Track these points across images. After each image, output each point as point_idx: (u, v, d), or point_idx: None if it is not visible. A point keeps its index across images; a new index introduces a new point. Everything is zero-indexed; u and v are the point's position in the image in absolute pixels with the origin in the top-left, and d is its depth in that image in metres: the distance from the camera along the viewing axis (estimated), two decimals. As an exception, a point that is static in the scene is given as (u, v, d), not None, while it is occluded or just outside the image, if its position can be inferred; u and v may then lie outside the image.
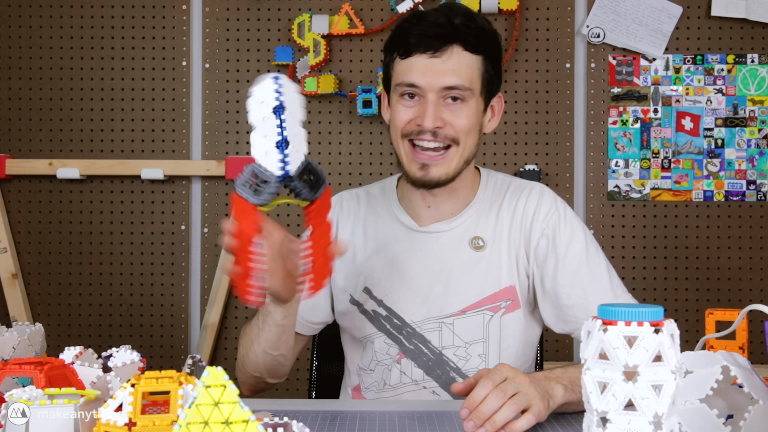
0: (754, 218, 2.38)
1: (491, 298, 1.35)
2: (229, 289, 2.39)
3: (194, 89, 2.44)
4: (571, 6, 2.40)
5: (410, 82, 1.28)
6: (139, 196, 2.44)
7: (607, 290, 1.32)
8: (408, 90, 1.29)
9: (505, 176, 1.44)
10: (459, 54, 1.28)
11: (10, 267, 2.40)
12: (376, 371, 1.39)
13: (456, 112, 1.28)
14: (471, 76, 1.29)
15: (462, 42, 1.27)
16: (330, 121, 2.42)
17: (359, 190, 1.49)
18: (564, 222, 1.35)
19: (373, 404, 1.26)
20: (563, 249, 1.33)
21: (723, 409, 0.90)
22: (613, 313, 0.73)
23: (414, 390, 1.36)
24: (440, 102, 1.28)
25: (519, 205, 1.37)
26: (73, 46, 2.44)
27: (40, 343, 1.13)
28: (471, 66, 1.29)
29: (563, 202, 1.39)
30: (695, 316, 2.38)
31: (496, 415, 1.00)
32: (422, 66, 1.27)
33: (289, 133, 0.98)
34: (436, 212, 1.38)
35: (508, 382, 1.02)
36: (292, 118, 0.98)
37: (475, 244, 1.37)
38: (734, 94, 2.38)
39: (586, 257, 1.33)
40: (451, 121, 1.28)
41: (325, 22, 2.36)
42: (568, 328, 1.33)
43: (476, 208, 1.39)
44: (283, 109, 0.97)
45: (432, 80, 1.27)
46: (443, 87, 1.27)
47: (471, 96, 1.29)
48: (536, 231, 1.35)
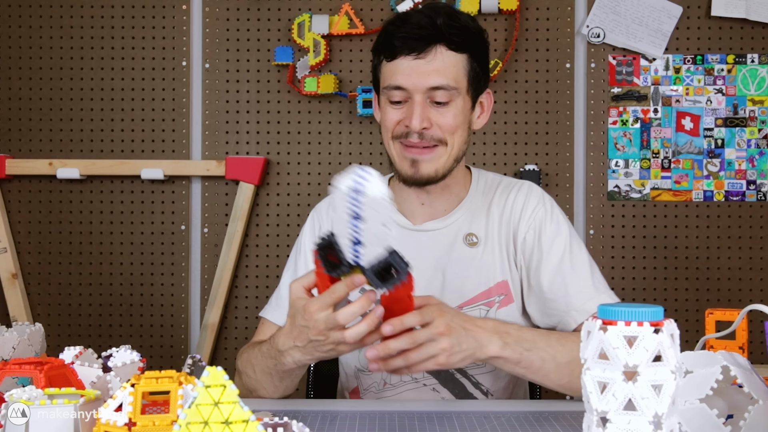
0: (754, 218, 2.38)
1: (486, 294, 1.37)
2: (229, 289, 2.39)
3: (194, 89, 2.44)
4: (571, 6, 2.40)
5: (396, 84, 1.30)
6: (139, 196, 2.44)
7: (588, 285, 1.33)
8: (395, 92, 1.31)
9: (495, 175, 1.47)
10: (443, 54, 1.29)
11: (10, 267, 2.40)
12: (376, 372, 1.39)
13: (442, 112, 1.30)
14: (456, 75, 1.30)
15: (446, 42, 1.29)
16: (330, 121, 2.43)
17: None
18: (550, 217, 1.38)
19: (373, 404, 1.26)
20: (548, 244, 1.35)
21: (723, 409, 0.90)
22: (613, 313, 0.73)
23: (414, 388, 1.37)
24: (426, 103, 1.30)
25: (508, 202, 1.40)
26: (73, 46, 2.44)
27: (40, 343, 1.13)
28: (456, 65, 1.30)
29: (550, 199, 1.42)
30: (695, 316, 2.38)
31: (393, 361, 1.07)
32: (407, 68, 1.29)
33: (365, 237, 0.96)
34: (430, 209, 1.41)
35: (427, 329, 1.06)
36: (374, 222, 0.94)
37: (469, 241, 1.39)
38: (734, 94, 2.38)
39: (569, 252, 1.35)
40: (438, 121, 1.30)
41: (325, 22, 2.36)
42: (550, 321, 1.35)
43: (468, 205, 1.41)
44: (361, 219, 0.94)
45: (417, 81, 1.28)
46: (429, 87, 1.28)
47: (457, 95, 1.31)
48: (523, 226, 1.37)
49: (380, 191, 0.91)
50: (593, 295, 1.31)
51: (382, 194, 0.91)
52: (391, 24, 1.33)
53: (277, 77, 2.43)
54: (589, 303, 1.30)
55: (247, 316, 2.42)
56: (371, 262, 0.98)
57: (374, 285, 1.01)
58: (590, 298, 1.30)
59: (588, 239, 2.39)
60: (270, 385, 1.25)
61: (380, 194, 0.91)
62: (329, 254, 1.01)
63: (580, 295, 1.31)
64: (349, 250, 0.99)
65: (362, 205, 0.92)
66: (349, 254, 0.99)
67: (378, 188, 0.91)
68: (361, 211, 0.93)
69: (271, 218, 2.43)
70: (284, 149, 2.43)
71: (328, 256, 1.01)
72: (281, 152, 2.43)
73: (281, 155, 2.43)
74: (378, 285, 1.00)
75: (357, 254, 0.99)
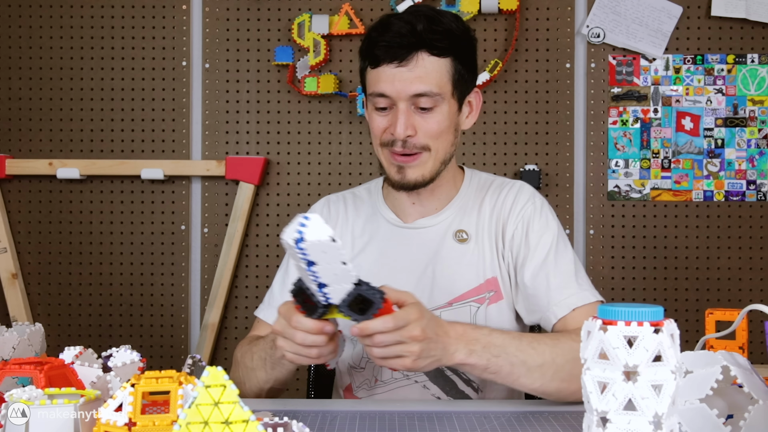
0: (754, 218, 2.38)
1: (476, 290, 1.37)
2: (229, 289, 2.39)
3: (194, 89, 2.44)
4: (571, 6, 2.40)
5: (380, 92, 1.31)
6: (139, 196, 2.44)
7: (571, 281, 1.32)
8: (379, 99, 1.32)
9: (489, 175, 1.49)
10: (425, 60, 1.29)
11: (10, 267, 2.40)
12: (367, 368, 1.40)
13: (427, 119, 1.31)
14: (440, 81, 1.30)
15: (427, 47, 1.29)
16: (330, 121, 2.42)
17: (346, 192, 1.54)
18: (539, 215, 1.38)
19: (373, 404, 1.26)
20: (534, 240, 1.36)
21: (723, 409, 0.90)
22: (613, 313, 0.73)
23: (405, 385, 1.38)
24: (411, 110, 1.31)
25: (500, 200, 1.41)
26: (73, 46, 2.44)
27: (40, 343, 1.13)
28: (439, 70, 1.30)
29: (542, 198, 1.43)
30: (695, 316, 2.38)
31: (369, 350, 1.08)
32: (390, 75, 1.29)
33: (325, 278, 0.98)
34: (421, 208, 1.42)
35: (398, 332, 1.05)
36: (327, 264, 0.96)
37: (459, 237, 1.40)
38: (734, 94, 2.38)
39: (554, 250, 1.35)
40: (422, 128, 1.31)
41: (325, 22, 2.36)
42: (533, 318, 1.35)
43: (460, 203, 1.42)
44: (314, 264, 0.96)
45: (401, 89, 1.29)
46: (412, 95, 1.29)
47: (441, 100, 1.31)
48: (512, 221, 1.38)
49: (321, 235, 0.92)
50: (576, 291, 1.31)
51: (324, 237, 0.92)
52: (374, 30, 1.33)
53: (277, 77, 2.43)
54: (571, 299, 1.29)
55: (247, 316, 2.42)
56: (342, 298, 1.01)
57: (354, 319, 1.03)
58: (572, 293, 1.30)
59: (588, 239, 2.39)
60: (262, 372, 1.27)
61: (321, 238, 0.92)
62: (305, 299, 1.05)
63: (562, 290, 1.31)
64: (318, 293, 1.02)
65: (309, 252, 0.94)
66: (320, 297, 1.02)
67: (318, 232, 0.92)
68: (311, 257, 0.95)
69: (271, 218, 2.43)
70: (284, 149, 2.43)
71: (304, 301, 1.05)
72: (281, 152, 2.43)
73: (281, 155, 2.43)
74: (357, 318, 1.03)
75: (326, 295, 1.02)
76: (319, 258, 0.95)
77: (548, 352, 1.18)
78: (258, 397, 1.31)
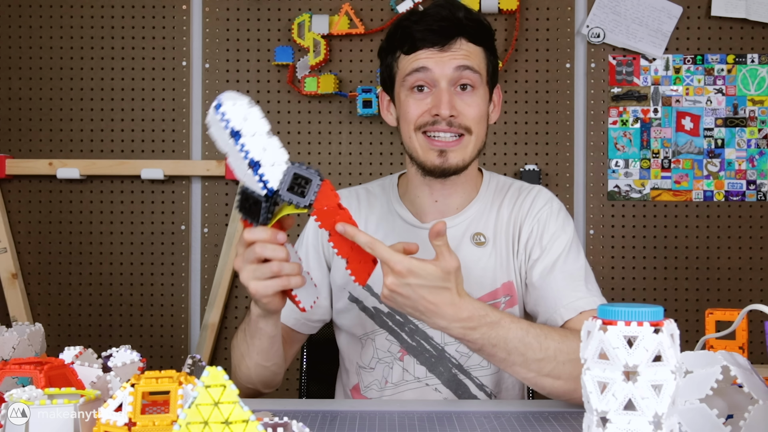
0: (754, 218, 2.38)
1: (492, 295, 1.36)
2: (229, 289, 2.39)
3: (194, 89, 2.44)
4: (571, 6, 2.40)
5: (421, 65, 1.30)
6: (139, 196, 2.44)
7: (580, 285, 1.31)
8: (420, 78, 1.30)
9: (507, 178, 1.48)
10: (466, 45, 1.31)
11: (10, 267, 2.40)
12: (377, 369, 1.39)
13: (467, 101, 1.31)
14: (479, 64, 1.32)
15: (467, 34, 1.31)
16: (330, 121, 2.42)
17: (359, 188, 1.50)
18: (555, 219, 1.37)
19: (374, 404, 1.26)
20: (548, 242, 1.35)
21: (723, 409, 0.90)
22: (613, 313, 0.73)
23: (416, 387, 1.37)
24: (452, 90, 1.30)
25: (518, 203, 1.40)
26: (73, 46, 2.44)
27: (40, 343, 1.13)
28: (478, 55, 1.33)
29: (560, 203, 1.41)
30: (695, 316, 2.38)
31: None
32: (431, 55, 1.30)
33: (255, 154, 0.97)
34: (443, 207, 1.40)
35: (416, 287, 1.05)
36: (253, 137, 0.97)
37: (476, 240, 1.38)
38: (734, 94, 2.38)
39: (566, 253, 1.34)
40: (463, 111, 1.31)
41: (325, 22, 2.36)
42: (540, 319, 1.34)
43: (479, 205, 1.41)
44: (239, 134, 0.96)
45: (444, 65, 1.29)
46: (456, 67, 1.29)
47: (480, 82, 1.32)
48: (528, 223, 1.37)
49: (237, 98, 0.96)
50: (584, 295, 1.29)
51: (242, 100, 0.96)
52: (407, 19, 1.33)
53: (277, 77, 2.43)
54: (580, 302, 1.27)
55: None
56: (280, 180, 0.99)
57: (295, 203, 1.00)
58: (581, 297, 1.28)
59: (588, 239, 2.39)
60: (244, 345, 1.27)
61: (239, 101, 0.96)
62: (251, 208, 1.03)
63: (571, 293, 1.29)
64: (255, 182, 0.99)
65: (229, 117, 0.96)
66: (258, 187, 0.99)
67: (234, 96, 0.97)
68: (234, 125, 0.96)
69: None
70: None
71: (249, 209, 1.03)
72: (281, 152, 2.42)
73: (281, 155, 2.42)
74: (298, 201, 1.00)
75: (263, 180, 0.99)
76: (242, 126, 0.96)
77: (552, 348, 1.15)
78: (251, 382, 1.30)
